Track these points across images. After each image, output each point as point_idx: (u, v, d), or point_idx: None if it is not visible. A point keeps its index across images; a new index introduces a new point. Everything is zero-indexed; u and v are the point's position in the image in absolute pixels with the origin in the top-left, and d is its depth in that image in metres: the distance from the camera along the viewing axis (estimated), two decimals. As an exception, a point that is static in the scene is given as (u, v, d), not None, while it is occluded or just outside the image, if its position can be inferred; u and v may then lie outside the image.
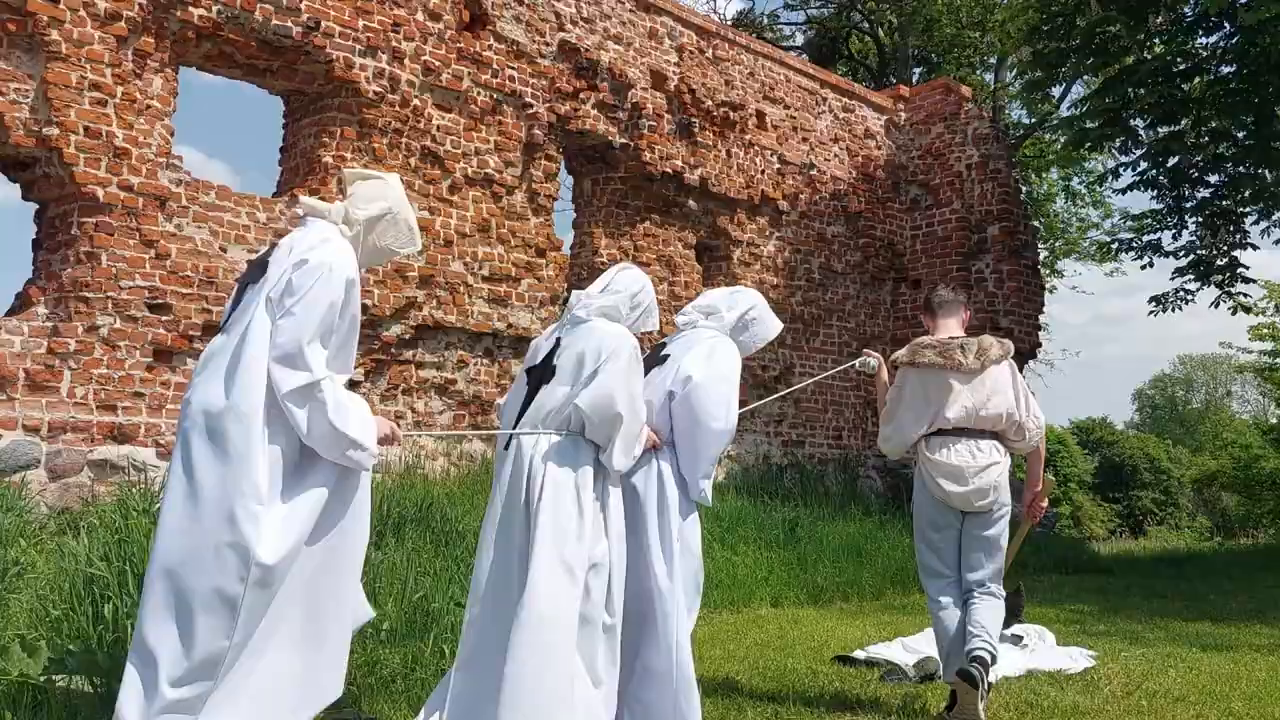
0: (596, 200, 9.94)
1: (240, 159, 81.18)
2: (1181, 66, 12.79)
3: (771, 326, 3.84)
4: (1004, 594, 4.27)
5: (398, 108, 7.96)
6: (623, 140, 9.66)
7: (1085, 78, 16.58)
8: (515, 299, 8.73)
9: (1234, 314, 14.26)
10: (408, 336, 8.03)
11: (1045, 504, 4.56)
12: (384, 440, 3.06)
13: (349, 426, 2.87)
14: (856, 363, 4.70)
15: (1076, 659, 5.34)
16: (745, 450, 10.68)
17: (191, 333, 6.78)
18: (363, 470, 2.97)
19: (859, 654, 5.29)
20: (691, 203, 10.31)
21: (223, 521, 2.71)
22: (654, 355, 3.65)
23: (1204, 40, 12.93)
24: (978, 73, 22.61)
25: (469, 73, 8.45)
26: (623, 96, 9.63)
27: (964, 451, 4.19)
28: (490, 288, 8.56)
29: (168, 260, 6.74)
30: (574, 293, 3.38)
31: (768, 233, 11.18)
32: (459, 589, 4.90)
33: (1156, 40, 12.84)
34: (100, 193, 6.47)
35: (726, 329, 3.70)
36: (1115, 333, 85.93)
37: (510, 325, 8.66)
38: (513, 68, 8.76)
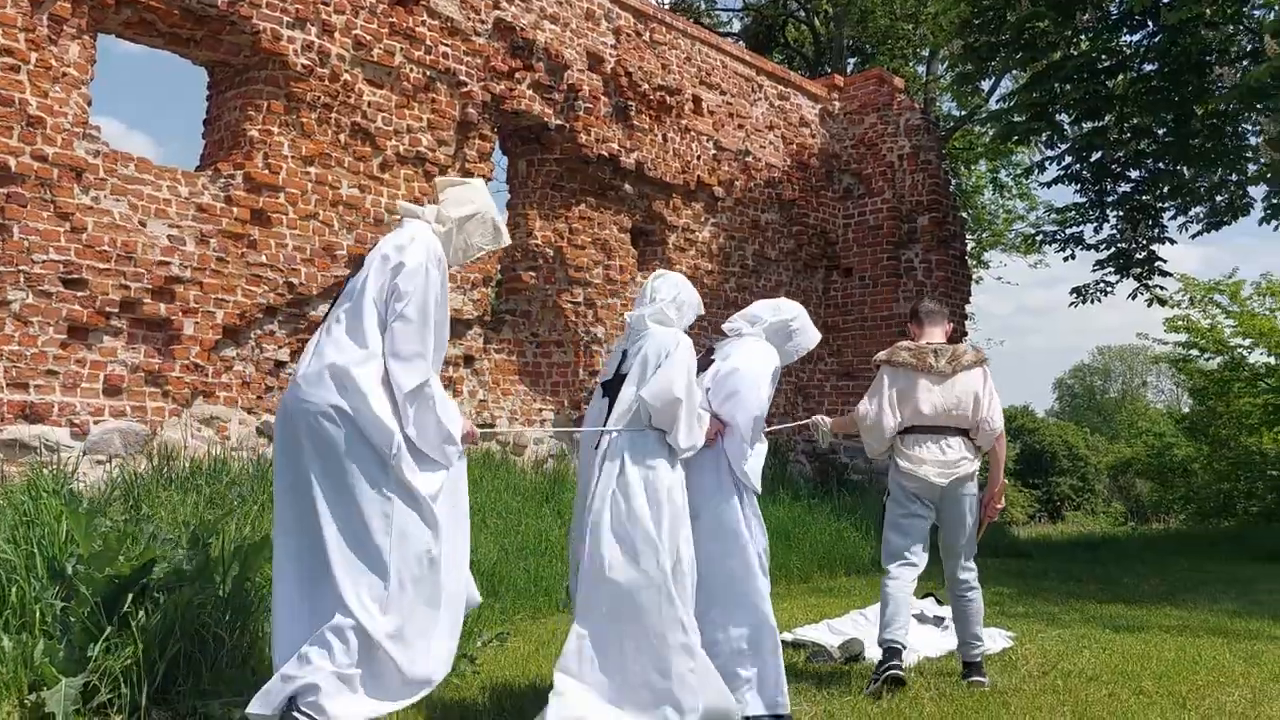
0: (531, 182, 9.85)
1: (162, 131, 78.79)
2: (1106, 63, 13.11)
3: (812, 337, 4.30)
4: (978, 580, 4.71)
5: (327, 82, 7.78)
6: (558, 122, 9.58)
7: (1014, 72, 16.91)
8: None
9: (1150, 306, 14.73)
10: (336, 316, 7.87)
11: (1001, 504, 4.88)
12: (464, 438, 3.29)
13: (452, 423, 3.13)
14: (810, 425, 5.01)
15: (995, 640, 5.47)
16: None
17: (108, 309, 6.56)
18: (451, 465, 3.18)
19: (786, 636, 5.34)
20: (627, 186, 10.28)
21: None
22: (704, 359, 4.10)
23: (1128, 38, 13.28)
24: (910, 64, 22.92)
25: (401, 48, 8.29)
26: (559, 77, 9.55)
27: (934, 448, 4.60)
28: (421, 268, 8.43)
29: (84, 234, 6.50)
30: (627, 314, 3.92)
31: (703, 218, 11.20)
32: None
33: (1083, 37, 13.14)
34: (12, 163, 6.20)
35: (768, 334, 4.16)
36: (1038, 323, 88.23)
37: (442, 306, 8.54)
38: (446, 45, 8.62)
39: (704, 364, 4.02)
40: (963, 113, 22.30)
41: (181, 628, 3.46)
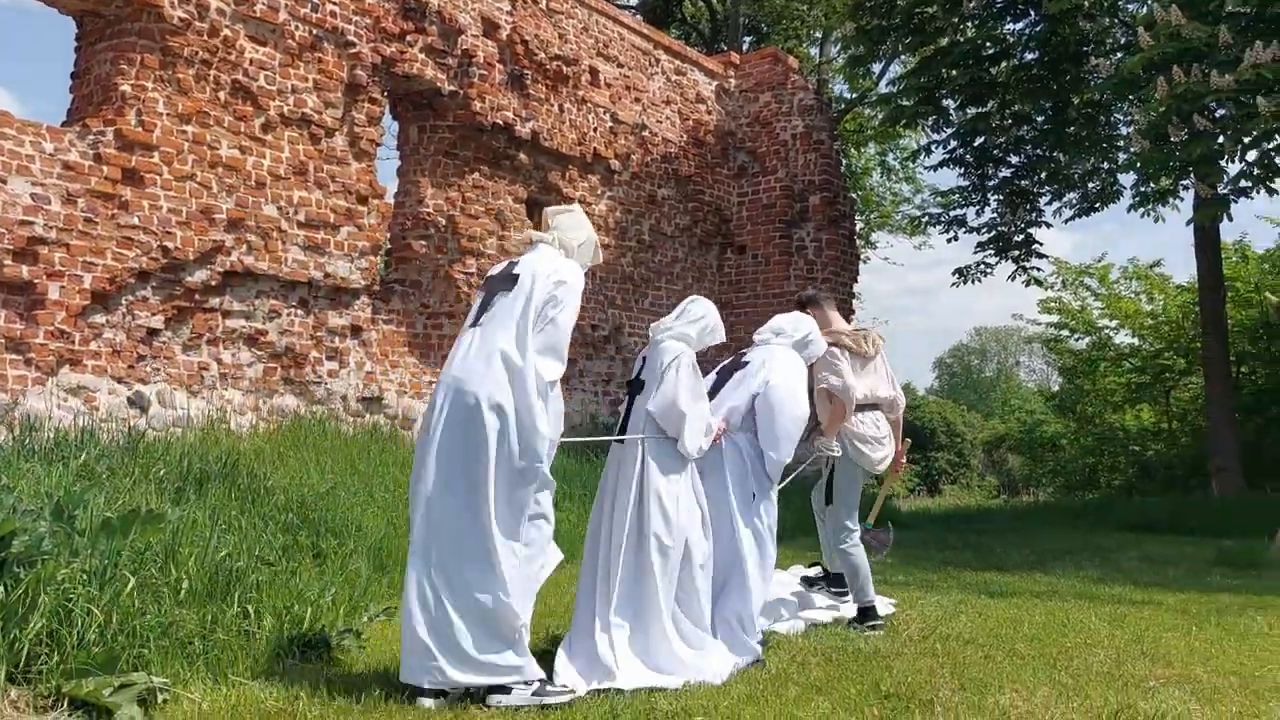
0: (423, 148, 9.61)
1: (26, 85, 74.23)
2: (990, 51, 13.52)
3: (821, 346, 4.94)
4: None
5: (206, 37, 7.41)
6: (452, 88, 9.36)
7: (903, 57, 17.31)
8: (334, 247, 8.35)
9: (1027, 287, 15.33)
10: (214, 283, 7.55)
11: (904, 460, 5.66)
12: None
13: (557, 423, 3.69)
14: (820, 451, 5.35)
15: (879, 606, 5.63)
16: (573, 409, 10.67)
17: (-36, 270, 6.14)
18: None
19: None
20: (523, 156, 10.13)
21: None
22: (735, 363, 4.75)
23: (1011, 26, 13.71)
24: (804, 45, 23.21)
25: (286, 5, 7.95)
26: (452, 42, 9.32)
27: (870, 422, 5.25)
28: (306, 234, 8.15)
29: (-66, 189, 6.06)
30: (652, 325, 4.35)
31: (599, 191, 11.13)
32: (267, 547, 4.68)
33: (969, 24, 13.50)
34: None
35: (791, 344, 4.76)
36: (920, 304, 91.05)
37: (328, 275, 8.28)
38: (334, 3, 8.31)
39: (737, 366, 4.70)
40: (854, 95, 22.73)
41: (44, 603, 3.27)
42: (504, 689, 3.44)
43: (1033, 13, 13.31)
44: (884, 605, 5.68)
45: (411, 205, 9.45)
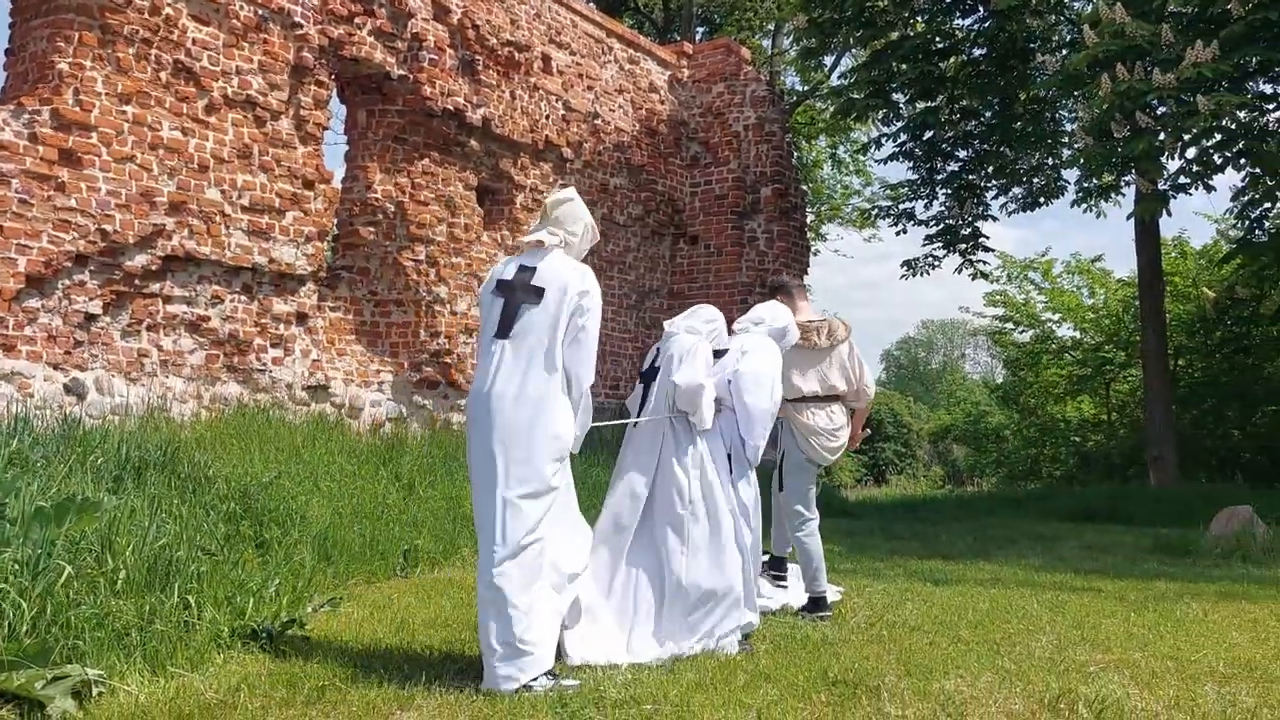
0: (372, 133, 9.46)
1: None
2: (940, 45, 13.65)
3: (795, 335, 5.06)
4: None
5: (147, 15, 7.21)
6: (401, 72, 9.23)
7: (854, 50, 17.42)
8: (279, 232, 8.19)
9: (974, 280, 15.54)
10: (154, 268, 7.37)
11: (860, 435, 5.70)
12: None
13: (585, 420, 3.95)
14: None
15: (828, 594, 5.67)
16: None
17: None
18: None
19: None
20: (474, 143, 10.02)
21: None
22: (715, 352, 4.84)
23: (961, 22, 13.86)
24: (756, 37, 23.27)
25: (231, -17, 7.77)
26: (402, 25, 9.19)
27: (822, 416, 5.27)
28: (251, 219, 7.98)
29: None
30: (666, 323, 4.78)
31: (551, 179, 11.06)
32: (207, 537, 4.58)
33: (919, 18, 13.62)
34: None
35: (769, 334, 4.91)
36: (870, 297, 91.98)
37: (272, 260, 8.13)
38: (281, -17, 8.14)
39: (716, 354, 4.80)
40: (805, 88, 22.84)
41: (-28, 596, 3.17)
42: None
43: (981, 9, 13.47)
44: (832, 592, 5.73)
45: (359, 191, 9.31)
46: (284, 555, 4.97)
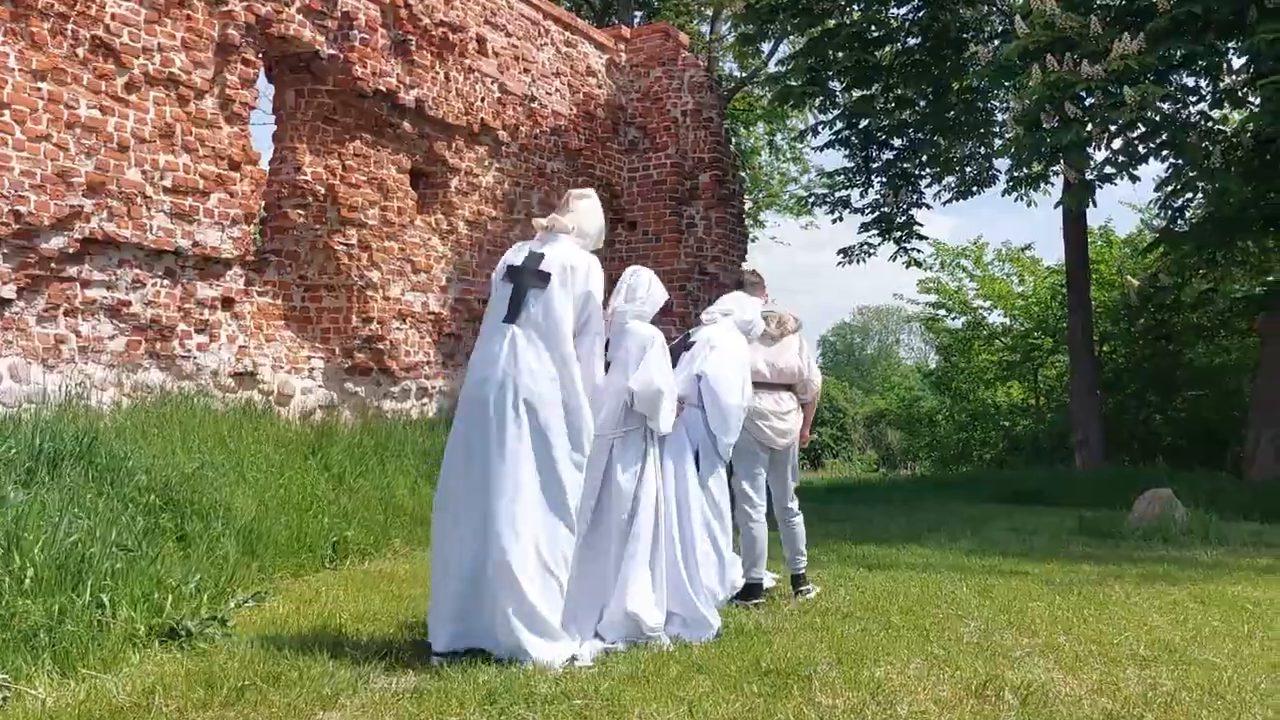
0: (301, 114, 9.21)
1: None
2: (876, 34, 13.74)
3: (760, 327, 5.20)
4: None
5: (61, -13, 6.92)
6: (331, 51, 9.00)
7: (792, 37, 17.47)
8: (203, 215, 7.95)
9: (908, 268, 15.73)
10: (72, 251, 7.10)
11: (810, 436, 5.89)
12: None
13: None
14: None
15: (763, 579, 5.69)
16: (459, 385, 10.47)
17: None
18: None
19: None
20: (407, 125, 9.83)
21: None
22: (683, 343, 4.98)
23: (896, 11, 13.96)
24: (695, 22, 23.22)
25: (151, -44, 7.49)
26: (332, 4, 8.95)
27: (769, 400, 5.31)
28: (173, 201, 7.73)
29: None
30: (609, 309, 4.42)
31: (487, 163, 10.91)
32: (124, 532, 4.43)
33: (855, 6, 13.69)
34: None
35: (737, 324, 5.01)
36: (807, 283, 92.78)
37: (197, 244, 7.88)
38: (205, -43, 7.87)
39: (684, 346, 4.93)
40: (743, 74, 22.87)
41: None
42: None
43: (916, -2, 13.60)
44: (767, 579, 5.75)
45: (288, 173, 9.07)
46: (206, 549, 4.83)
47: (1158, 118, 11.07)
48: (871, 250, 15.50)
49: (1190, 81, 11.83)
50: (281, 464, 6.54)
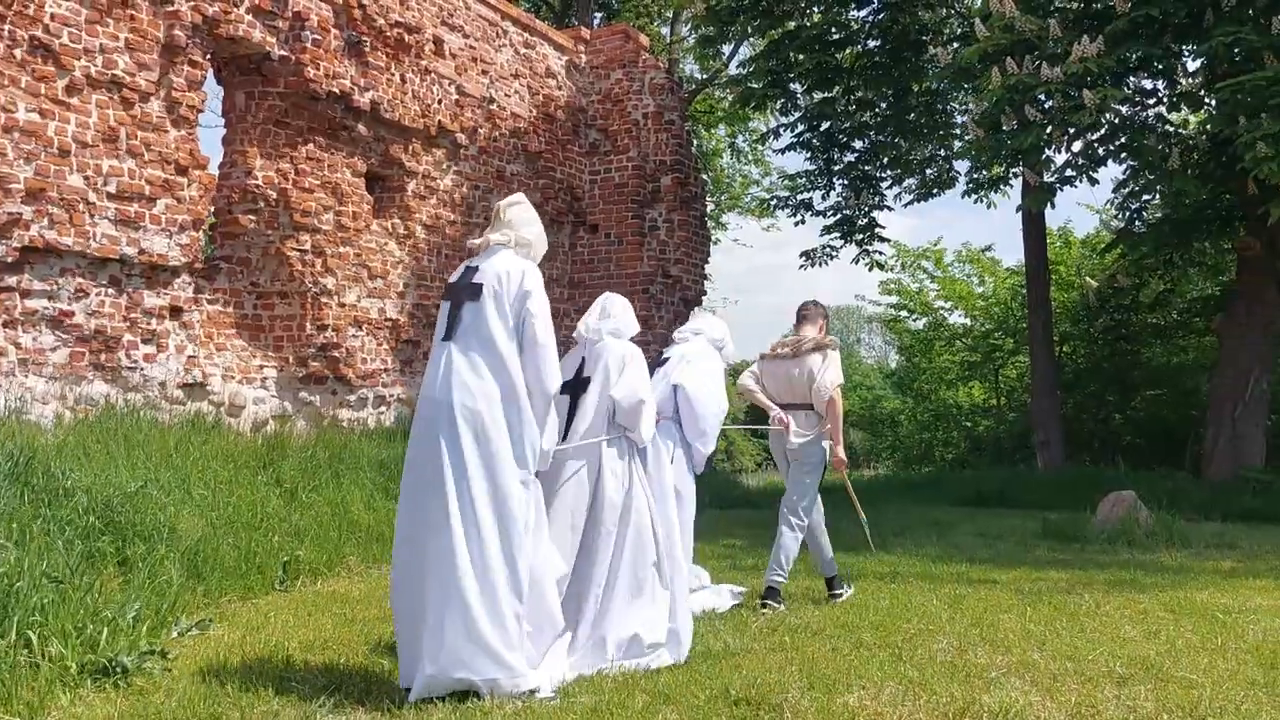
0: (251, 116, 8.95)
1: None
2: (836, 36, 13.69)
3: (732, 346, 5.33)
4: (804, 523, 5.70)
5: (-4, -16, 6.63)
6: (282, 52, 8.76)
7: (752, 39, 17.40)
8: (150, 221, 7.68)
9: (871, 270, 15.70)
10: (11, 260, 6.81)
11: (842, 458, 5.83)
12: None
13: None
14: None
15: (725, 597, 5.57)
16: (417, 393, 10.24)
17: None
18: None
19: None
20: (361, 127, 9.59)
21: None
22: (658, 359, 5.11)
23: (856, 13, 13.92)
24: (655, 24, 23.11)
25: (91, -47, 7.21)
26: (282, 3, 8.71)
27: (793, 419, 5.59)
28: (118, 207, 7.45)
29: None
30: (581, 326, 4.50)
31: (445, 166, 10.70)
32: (59, 558, 4.19)
33: (816, 8, 13.64)
34: None
35: (711, 343, 5.16)
36: (769, 283, 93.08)
37: (143, 251, 7.61)
38: (148, -46, 7.60)
39: (659, 363, 5.03)
40: (704, 76, 22.79)
41: None
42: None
43: (875, 0, 13.56)
44: (730, 595, 5.64)
45: (239, 177, 8.81)
46: (148, 574, 4.59)
47: (1116, 120, 11.11)
48: (834, 253, 15.46)
49: (1147, 84, 11.90)
50: (230, 480, 6.30)
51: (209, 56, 8.30)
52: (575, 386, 4.39)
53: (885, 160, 15.17)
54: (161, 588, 4.46)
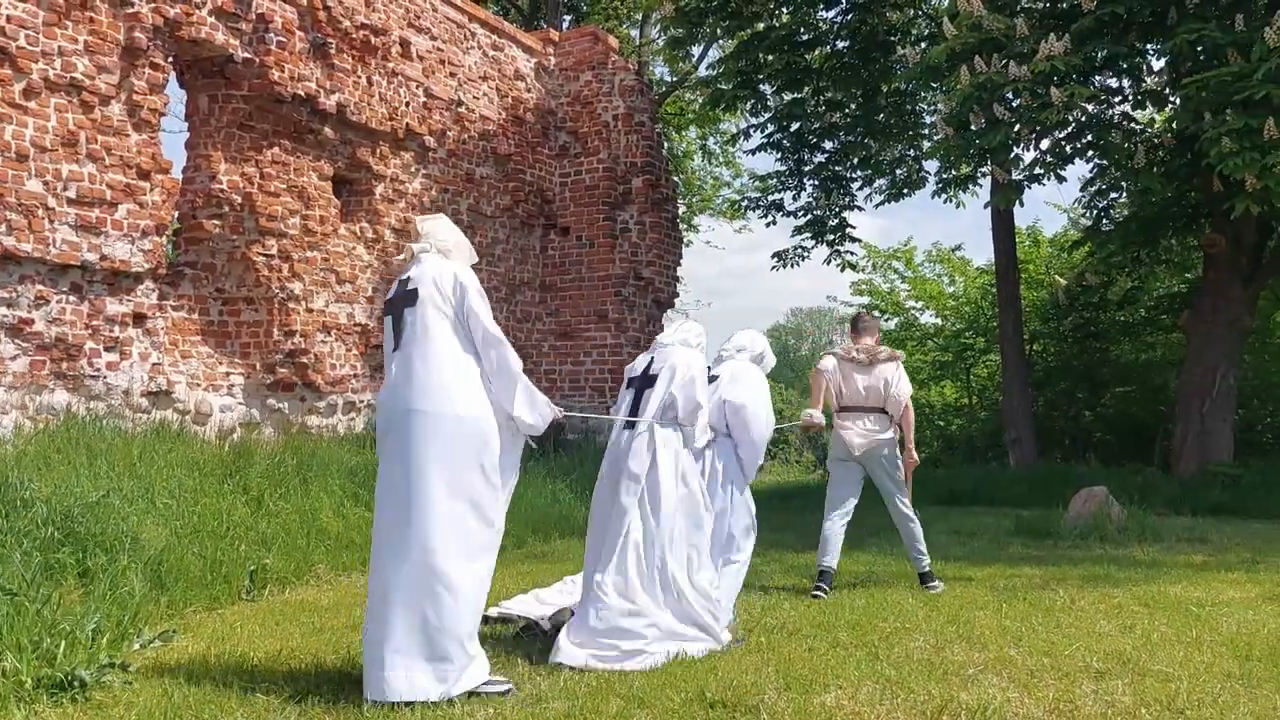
0: (215, 120, 8.82)
1: None
2: (805, 37, 13.71)
3: (772, 359, 5.63)
4: (914, 513, 6.36)
5: (-52, -15, 6.49)
6: (246, 55, 8.64)
7: (722, 40, 17.41)
8: (111, 226, 7.54)
9: (842, 271, 15.73)
10: (-34, 266, 6.66)
11: (915, 459, 6.48)
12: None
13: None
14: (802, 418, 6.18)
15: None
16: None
17: None
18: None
19: (491, 611, 5.08)
20: (328, 131, 9.48)
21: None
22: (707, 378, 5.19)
23: (825, 14, 13.95)
24: (624, 26, 23.07)
25: (48, -46, 7.07)
26: (245, 5, 8.59)
27: (849, 418, 6.10)
28: (78, 213, 7.31)
29: None
30: (659, 336, 4.99)
31: (413, 169, 10.60)
32: (16, 571, 4.08)
33: (785, 9, 13.65)
34: None
35: (753, 359, 5.47)
36: (741, 285, 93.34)
37: (104, 257, 7.47)
38: (107, -45, 7.47)
39: (708, 380, 5.10)
40: (674, 78, 22.78)
41: None
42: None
43: (844, 1, 13.59)
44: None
45: (203, 181, 8.68)
46: (110, 585, 4.48)
47: (1083, 118, 11.18)
48: (806, 254, 15.47)
49: (1113, 82, 11.99)
50: (196, 488, 6.18)
51: (171, 59, 8.17)
52: (641, 383, 4.73)
53: (855, 161, 15.20)
54: (123, 599, 4.35)
